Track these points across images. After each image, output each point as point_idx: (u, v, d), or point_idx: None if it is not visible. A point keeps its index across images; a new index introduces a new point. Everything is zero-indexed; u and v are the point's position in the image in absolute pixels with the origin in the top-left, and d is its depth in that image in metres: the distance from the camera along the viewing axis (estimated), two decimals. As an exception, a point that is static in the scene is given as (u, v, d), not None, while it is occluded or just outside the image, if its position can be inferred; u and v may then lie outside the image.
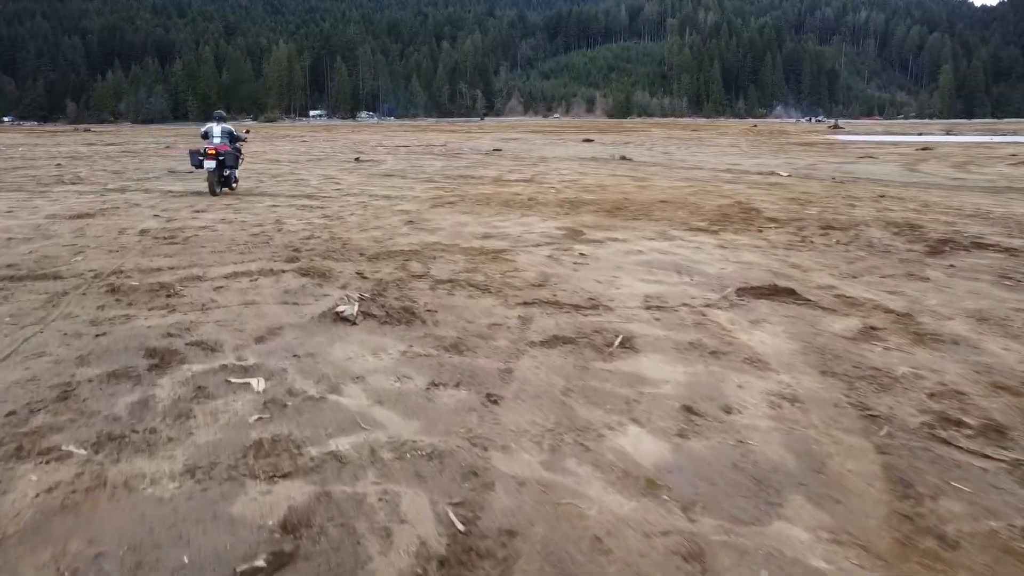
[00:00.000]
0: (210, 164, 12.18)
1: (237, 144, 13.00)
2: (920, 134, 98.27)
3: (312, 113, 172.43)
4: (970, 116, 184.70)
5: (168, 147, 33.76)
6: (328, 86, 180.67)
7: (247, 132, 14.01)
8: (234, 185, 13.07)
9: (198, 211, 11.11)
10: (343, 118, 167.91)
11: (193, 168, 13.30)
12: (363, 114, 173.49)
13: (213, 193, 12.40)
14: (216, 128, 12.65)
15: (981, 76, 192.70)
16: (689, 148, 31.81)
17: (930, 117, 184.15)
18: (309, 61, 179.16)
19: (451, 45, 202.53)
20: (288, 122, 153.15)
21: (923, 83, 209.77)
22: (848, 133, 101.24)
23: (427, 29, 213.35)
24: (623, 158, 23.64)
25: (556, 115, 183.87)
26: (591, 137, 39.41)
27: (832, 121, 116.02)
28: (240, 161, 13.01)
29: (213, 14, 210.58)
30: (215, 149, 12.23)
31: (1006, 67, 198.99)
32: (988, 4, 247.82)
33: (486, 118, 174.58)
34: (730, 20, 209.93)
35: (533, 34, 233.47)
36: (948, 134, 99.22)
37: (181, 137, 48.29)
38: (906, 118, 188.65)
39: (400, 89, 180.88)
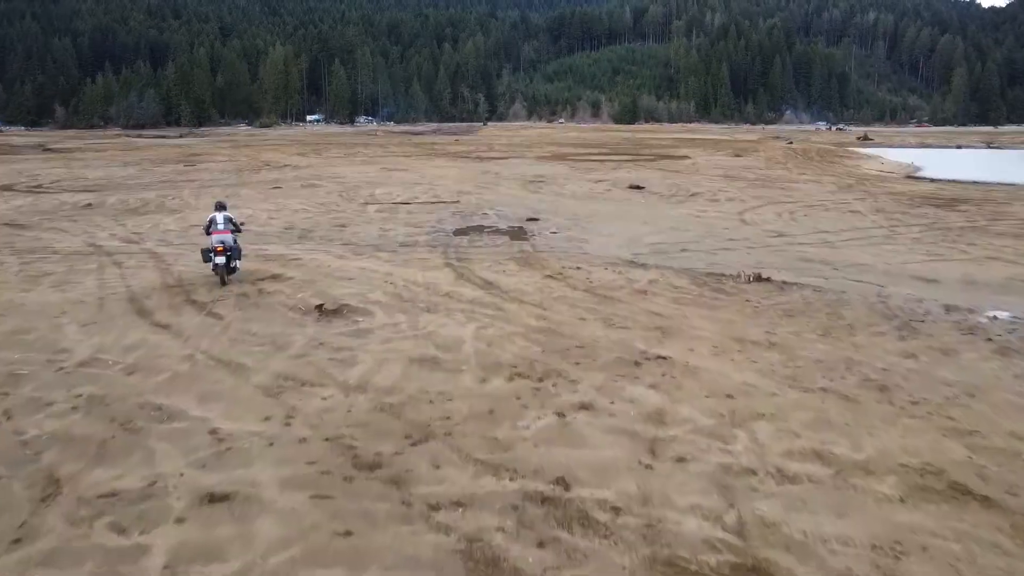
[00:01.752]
0: (220, 260, 12.22)
1: (236, 234, 12.87)
2: (959, 146, 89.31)
3: (309, 118, 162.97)
4: (984, 121, 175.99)
5: (89, 205, 24.61)
6: (326, 90, 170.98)
7: (242, 223, 13.81)
8: (237, 267, 12.84)
9: None
10: (341, 123, 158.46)
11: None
12: (362, 119, 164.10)
13: (223, 284, 12.25)
14: (219, 216, 12.63)
15: (996, 79, 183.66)
16: (792, 212, 22.81)
17: (944, 122, 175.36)
18: (306, 64, 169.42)
19: (452, 47, 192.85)
20: (284, 127, 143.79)
21: (935, 86, 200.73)
22: (880, 145, 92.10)
23: (428, 31, 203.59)
24: (761, 279, 14.36)
25: (561, 120, 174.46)
26: (639, 184, 30.16)
27: (861, 131, 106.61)
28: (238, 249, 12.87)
29: (209, 15, 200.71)
30: (223, 246, 12.27)
31: (1020, 70, 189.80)
32: (997, 5, 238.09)
33: (488, 123, 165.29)
34: (737, 22, 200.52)
35: (536, 35, 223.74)
36: (989, 146, 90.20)
37: (145, 163, 38.89)
38: (919, 123, 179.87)
39: (400, 93, 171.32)
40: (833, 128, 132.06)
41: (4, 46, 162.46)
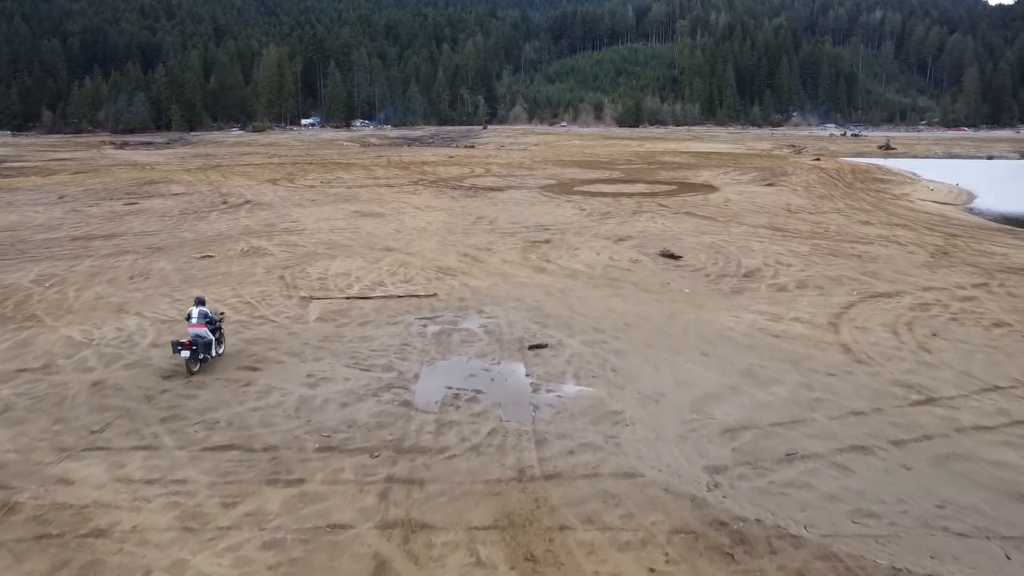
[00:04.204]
0: (185, 354, 12.18)
1: (215, 325, 12.87)
2: (990, 157, 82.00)
3: (304, 121, 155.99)
4: (996, 122, 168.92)
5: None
6: (321, 92, 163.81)
7: (222, 315, 13.87)
8: (210, 358, 12.73)
9: None
10: (336, 127, 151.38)
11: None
12: (358, 122, 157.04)
13: (190, 373, 12.30)
14: (195, 311, 12.61)
15: (1008, 79, 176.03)
16: (909, 324, 16.20)
17: (954, 123, 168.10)
18: (301, 66, 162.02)
19: (451, 48, 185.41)
20: (277, 132, 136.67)
21: (944, 86, 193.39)
22: (904, 155, 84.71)
23: (426, 31, 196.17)
24: None
25: (563, 123, 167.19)
26: (672, 251, 23.03)
27: (881, 138, 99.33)
28: (219, 336, 13.03)
29: (203, 15, 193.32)
30: (190, 340, 12.24)
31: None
32: (1005, 3, 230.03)
33: (488, 126, 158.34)
34: (743, 21, 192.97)
35: (537, 35, 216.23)
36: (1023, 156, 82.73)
37: (85, 198, 31.81)
38: (929, 124, 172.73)
39: (398, 95, 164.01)
40: (848, 134, 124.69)
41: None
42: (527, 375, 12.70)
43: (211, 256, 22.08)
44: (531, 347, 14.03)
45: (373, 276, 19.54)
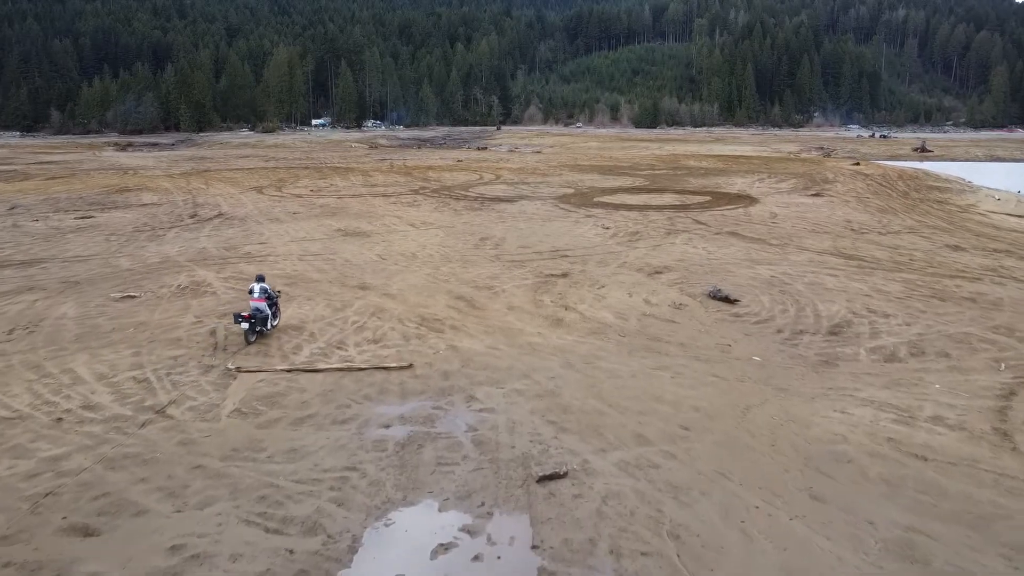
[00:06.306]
0: (244, 325, 13.25)
1: (273, 300, 13.92)
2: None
3: (315, 122, 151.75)
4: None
5: None
6: (333, 92, 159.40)
7: (279, 292, 14.85)
8: (266, 331, 13.73)
9: None
10: (347, 127, 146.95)
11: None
12: (370, 123, 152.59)
13: (248, 342, 13.25)
14: (256, 286, 13.66)
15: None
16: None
17: (982, 124, 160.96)
18: (313, 65, 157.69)
19: (465, 47, 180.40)
20: (287, 132, 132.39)
21: (969, 86, 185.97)
22: (941, 158, 78.54)
23: (440, 30, 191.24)
24: None
25: (579, 124, 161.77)
26: (724, 292, 17.74)
27: (915, 140, 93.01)
28: (275, 311, 14.08)
29: (215, 15, 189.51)
30: (250, 314, 13.27)
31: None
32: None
33: (502, 127, 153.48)
34: (763, 20, 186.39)
35: (552, 35, 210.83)
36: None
37: (38, 209, 27.06)
38: (956, 125, 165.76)
39: (410, 95, 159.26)
40: (876, 135, 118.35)
41: (2, 48, 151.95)
42: (534, 547, 7.55)
43: (134, 296, 17.07)
44: (542, 479, 8.86)
45: (333, 332, 14.43)
